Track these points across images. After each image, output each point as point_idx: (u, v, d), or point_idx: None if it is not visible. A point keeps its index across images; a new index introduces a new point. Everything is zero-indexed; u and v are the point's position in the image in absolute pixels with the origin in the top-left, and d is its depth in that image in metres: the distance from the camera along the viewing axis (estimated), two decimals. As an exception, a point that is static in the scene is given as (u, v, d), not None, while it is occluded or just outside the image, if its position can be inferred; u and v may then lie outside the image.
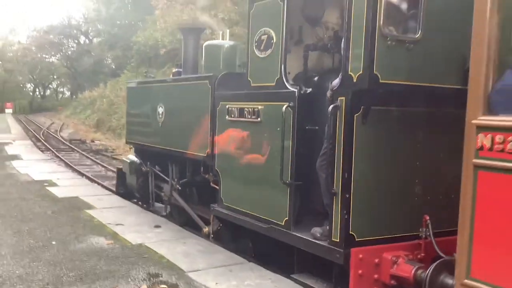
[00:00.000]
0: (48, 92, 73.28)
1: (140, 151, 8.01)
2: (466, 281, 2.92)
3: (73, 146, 20.34)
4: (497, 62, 2.84)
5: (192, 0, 20.44)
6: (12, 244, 5.37)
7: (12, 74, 65.01)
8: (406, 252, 3.86)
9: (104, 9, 44.61)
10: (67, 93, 69.74)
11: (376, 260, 3.82)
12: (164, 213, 7.35)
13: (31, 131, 27.97)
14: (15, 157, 14.21)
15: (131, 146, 8.33)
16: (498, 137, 2.73)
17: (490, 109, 2.83)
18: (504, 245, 2.73)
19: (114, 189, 8.97)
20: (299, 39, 5.24)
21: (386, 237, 3.91)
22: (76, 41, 56.25)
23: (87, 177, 11.78)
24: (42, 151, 17.96)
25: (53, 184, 9.43)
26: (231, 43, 6.83)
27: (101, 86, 37.70)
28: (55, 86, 72.64)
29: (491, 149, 2.77)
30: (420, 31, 3.75)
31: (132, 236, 5.81)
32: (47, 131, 28.58)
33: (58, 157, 16.45)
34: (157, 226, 6.28)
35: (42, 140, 22.21)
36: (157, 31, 24.97)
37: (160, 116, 6.90)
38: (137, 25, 36.59)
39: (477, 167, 2.84)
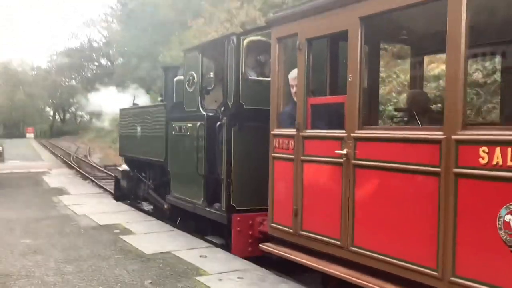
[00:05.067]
0: (67, 116, 73.78)
1: (128, 161, 10.35)
2: (271, 224, 5.05)
3: (111, 173, 17.21)
4: (283, 98, 4.99)
5: (229, 17, 21.00)
6: None
7: (33, 99, 65.27)
8: (272, 218, 5.95)
9: (131, 29, 45.35)
10: (86, 117, 67.05)
11: (250, 222, 5.91)
12: (141, 206, 9.65)
13: (60, 157, 26.70)
14: (61, 191, 12.10)
15: (122, 158, 10.67)
16: (281, 141, 4.87)
17: (280, 125, 4.97)
18: (284, 201, 4.83)
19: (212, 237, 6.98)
20: (222, 78, 7.46)
21: (259, 207, 5.98)
22: (97, 63, 57.02)
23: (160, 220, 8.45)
24: (85, 181, 15.96)
25: (126, 231, 7.39)
26: None
27: (126, 108, 38.21)
28: (74, 109, 71.03)
29: (278, 147, 4.91)
30: (272, 75, 5.91)
31: None
32: (76, 157, 26.72)
33: (101, 187, 14.30)
34: None
35: (76, 168, 20.28)
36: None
37: (139, 133, 9.21)
38: (161, 46, 36.12)
39: (274, 158, 4.99)
